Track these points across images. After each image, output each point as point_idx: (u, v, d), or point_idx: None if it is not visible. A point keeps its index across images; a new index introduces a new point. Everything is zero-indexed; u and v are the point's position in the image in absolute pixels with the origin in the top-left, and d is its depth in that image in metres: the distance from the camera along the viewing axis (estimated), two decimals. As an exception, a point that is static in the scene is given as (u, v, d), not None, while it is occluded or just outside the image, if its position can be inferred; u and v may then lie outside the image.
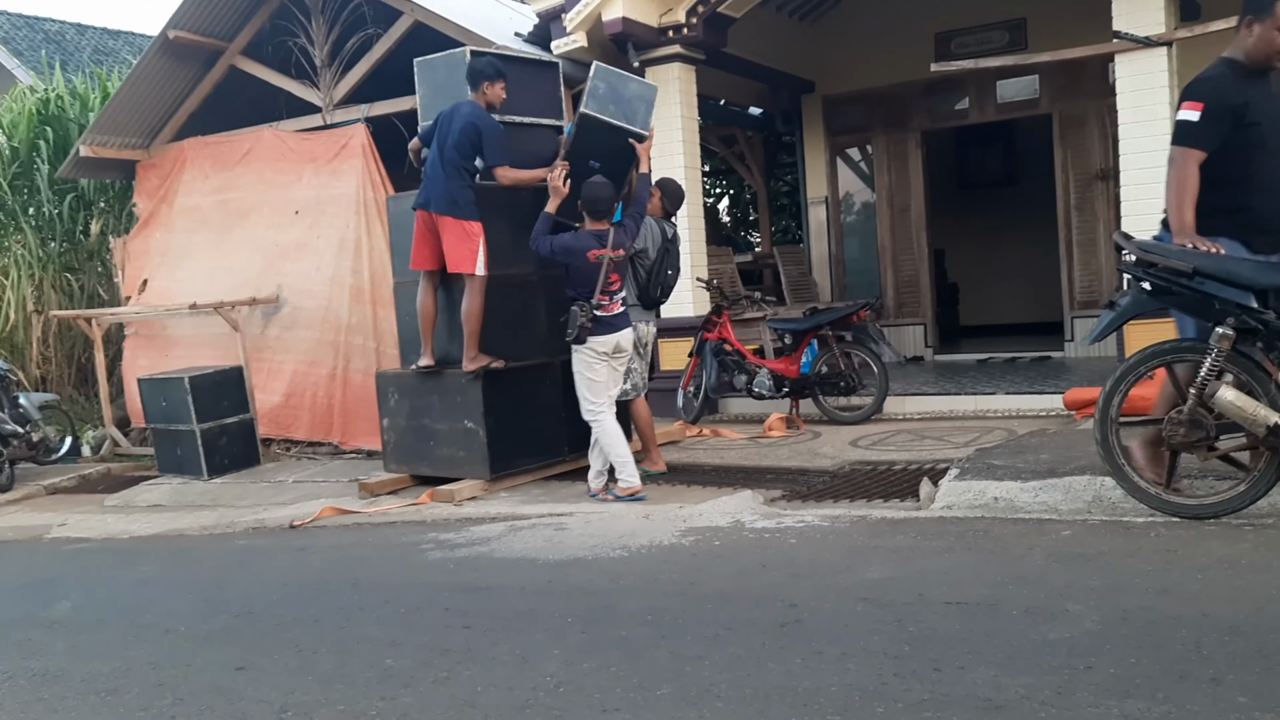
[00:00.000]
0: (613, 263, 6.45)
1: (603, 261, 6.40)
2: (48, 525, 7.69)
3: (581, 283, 6.42)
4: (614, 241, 6.46)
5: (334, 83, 9.79)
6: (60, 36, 18.57)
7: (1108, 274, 10.54)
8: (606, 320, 6.44)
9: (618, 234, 6.52)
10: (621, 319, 6.55)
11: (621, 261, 6.59)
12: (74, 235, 12.14)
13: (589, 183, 6.57)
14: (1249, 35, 4.57)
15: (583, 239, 6.49)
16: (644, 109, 7.05)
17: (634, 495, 6.32)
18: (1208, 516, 4.49)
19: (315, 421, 9.52)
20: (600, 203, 6.50)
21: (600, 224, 6.49)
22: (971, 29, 11.13)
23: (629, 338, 6.60)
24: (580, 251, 6.41)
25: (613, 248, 6.44)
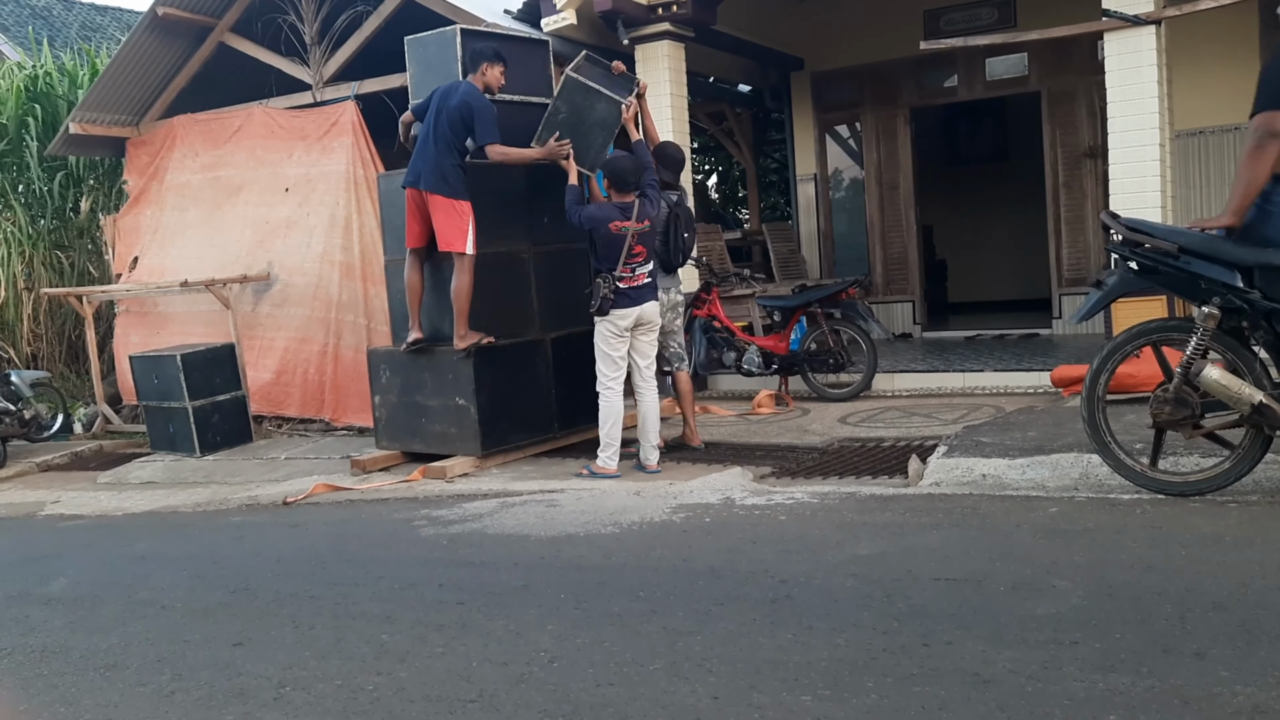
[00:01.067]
0: (636, 235, 6.51)
1: (625, 234, 6.46)
2: (41, 502, 7.70)
3: (605, 254, 6.51)
4: (638, 213, 6.53)
5: (324, 60, 9.75)
6: (47, 12, 18.41)
7: (1095, 251, 10.59)
8: (629, 293, 6.50)
9: (643, 206, 6.59)
10: (646, 292, 6.60)
11: (648, 234, 6.64)
12: (64, 212, 12.09)
13: (613, 156, 6.75)
14: None
15: (607, 210, 6.57)
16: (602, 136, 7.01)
17: (605, 475, 6.41)
18: (1193, 494, 4.56)
19: (307, 398, 9.53)
20: (626, 174, 6.57)
21: (626, 196, 6.55)
22: (961, 6, 11.12)
23: (653, 310, 6.64)
24: (604, 222, 6.50)
25: (636, 220, 6.51)
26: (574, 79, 6.96)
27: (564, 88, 7.00)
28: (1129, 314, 6.26)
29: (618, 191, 6.59)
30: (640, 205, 6.55)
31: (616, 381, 6.60)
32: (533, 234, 7.39)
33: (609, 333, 6.54)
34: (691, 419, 7.24)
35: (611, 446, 6.52)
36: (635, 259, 6.51)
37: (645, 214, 6.59)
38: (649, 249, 6.64)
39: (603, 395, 6.59)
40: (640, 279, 6.55)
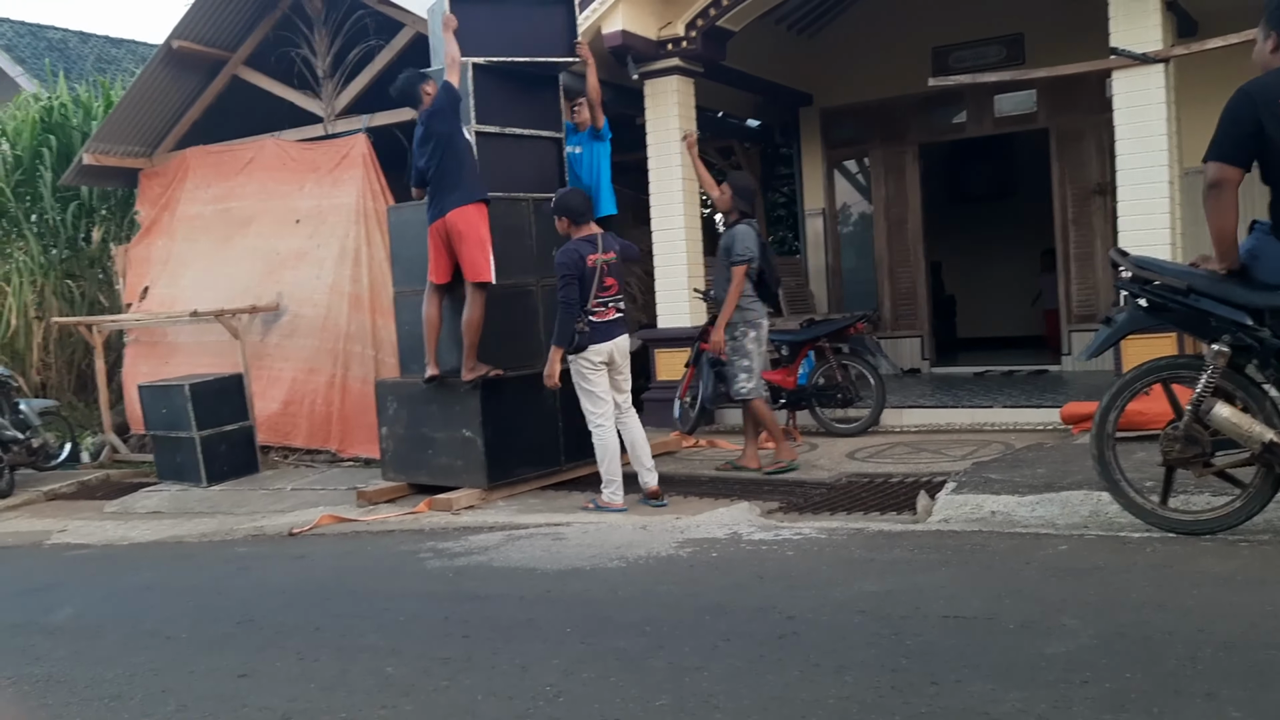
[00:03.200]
0: (606, 266, 6.45)
1: (596, 267, 6.41)
2: (48, 531, 7.70)
3: (584, 289, 6.44)
4: (604, 244, 6.49)
5: (336, 93, 9.84)
6: (63, 44, 18.61)
7: (1104, 288, 10.59)
8: (601, 327, 6.44)
9: (606, 238, 6.56)
10: (617, 327, 6.54)
11: (617, 265, 6.57)
12: (76, 242, 12.17)
13: (563, 191, 6.77)
14: None
15: (577, 246, 6.49)
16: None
17: (611, 509, 6.41)
18: (1203, 532, 4.52)
19: (314, 429, 9.53)
20: (579, 207, 6.57)
21: (583, 229, 6.52)
22: (969, 43, 11.19)
23: (624, 347, 6.59)
24: (581, 257, 6.42)
25: (603, 250, 6.46)
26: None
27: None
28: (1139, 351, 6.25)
29: (575, 225, 6.54)
30: (604, 237, 6.54)
31: (605, 417, 6.56)
32: (540, 266, 7.41)
33: (585, 369, 6.48)
34: (779, 438, 7.32)
35: (614, 482, 6.51)
36: (607, 292, 6.45)
37: (610, 245, 6.55)
38: (620, 282, 6.57)
39: (595, 433, 6.57)
40: (610, 313, 6.49)
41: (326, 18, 9.76)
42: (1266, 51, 4.28)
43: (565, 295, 6.35)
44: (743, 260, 7.00)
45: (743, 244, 7.01)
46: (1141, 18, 7.79)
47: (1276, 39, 4.25)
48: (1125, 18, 7.84)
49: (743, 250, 7.00)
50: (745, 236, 7.05)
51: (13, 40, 17.93)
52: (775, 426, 7.38)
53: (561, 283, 6.38)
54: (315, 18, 9.79)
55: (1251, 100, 4.19)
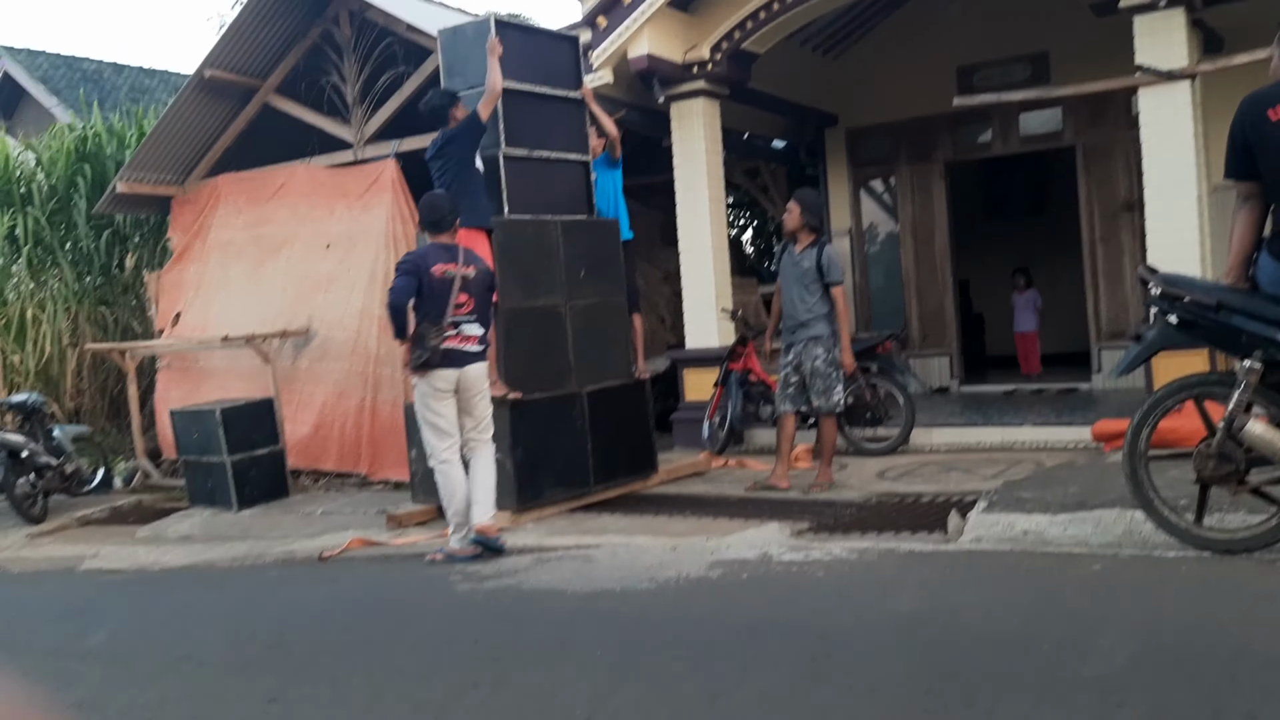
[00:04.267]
0: (463, 281, 5.92)
1: (452, 279, 5.89)
2: (81, 556, 7.76)
3: (430, 303, 5.86)
4: (464, 257, 5.99)
5: (365, 119, 9.94)
6: (98, 75, 18.91)
7: (1134, 305, 10.50)
8: (451, 353, 5.89)
9: (469, 254, 6.04)
10: (470, 357, 5.99)
11: (474, 282, 6.00)
12: (109, 269, 12.32)
13: (430, 194, 6.28)
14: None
15: (428, 251, 5.98)
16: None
17: (461, 557, 5.91)
18: (1240, 551, 4.47)
19: (344, 452, 9.59)
20: (442, 212, 6.07)
21: (441, 236, 6.03)
22: (994, 62, 11.18)
23: (477, 376, 6.04)
24: (427, 264, 5.88)
25: (463, 263, 5.96)
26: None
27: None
28: (1170, 368, 6.20)
29: (432, 232, 6.03)
30: (466, 252, 6.02)
31: (449, 451, 6.00)
32: (569, 287, 7.44)
33: (428, 395, 5.94)
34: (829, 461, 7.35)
35: (463, 526, 5.98)
36: (461, 310, 5.90)
37: (471, 261, 6.03)
38: (477, 302, 6.00)
39: (437, 470, 6.04)
40: (462, 341, 5.94)
41: (356, 45, 9.88)
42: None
43: (393, 288, 5.83)
44: (841, 281, 7.18)
45: (839, 265, 7.22)
46: (1166, 34, 7.76)
47: None
48: (1150, 34, 7.81)
49: (841, 272, 7.21)
50: (838, 257, 7.26)
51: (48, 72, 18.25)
52: (834, 447, 7.42)
53: (395, 277, 5.90)
54: (345, 45, 9.92)
55: (1240, 113, 4.24)
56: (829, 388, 7.20)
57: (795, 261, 7.22)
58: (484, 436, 6.17)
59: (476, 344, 6.01)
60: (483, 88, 7.08)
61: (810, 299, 7.15)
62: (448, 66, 7.51)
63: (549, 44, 7.87)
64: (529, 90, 7.42)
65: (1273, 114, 4.11)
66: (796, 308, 7.21)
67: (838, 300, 7.13)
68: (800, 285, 7.18)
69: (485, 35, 7.21)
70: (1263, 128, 4.14)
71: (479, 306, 6.01)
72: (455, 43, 7.48)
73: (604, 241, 7.78)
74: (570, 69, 7.85)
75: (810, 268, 7.13)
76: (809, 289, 7.14)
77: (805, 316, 7.17)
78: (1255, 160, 4.22)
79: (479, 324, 6.03)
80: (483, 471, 6.07)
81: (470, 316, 5.97)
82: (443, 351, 5.85)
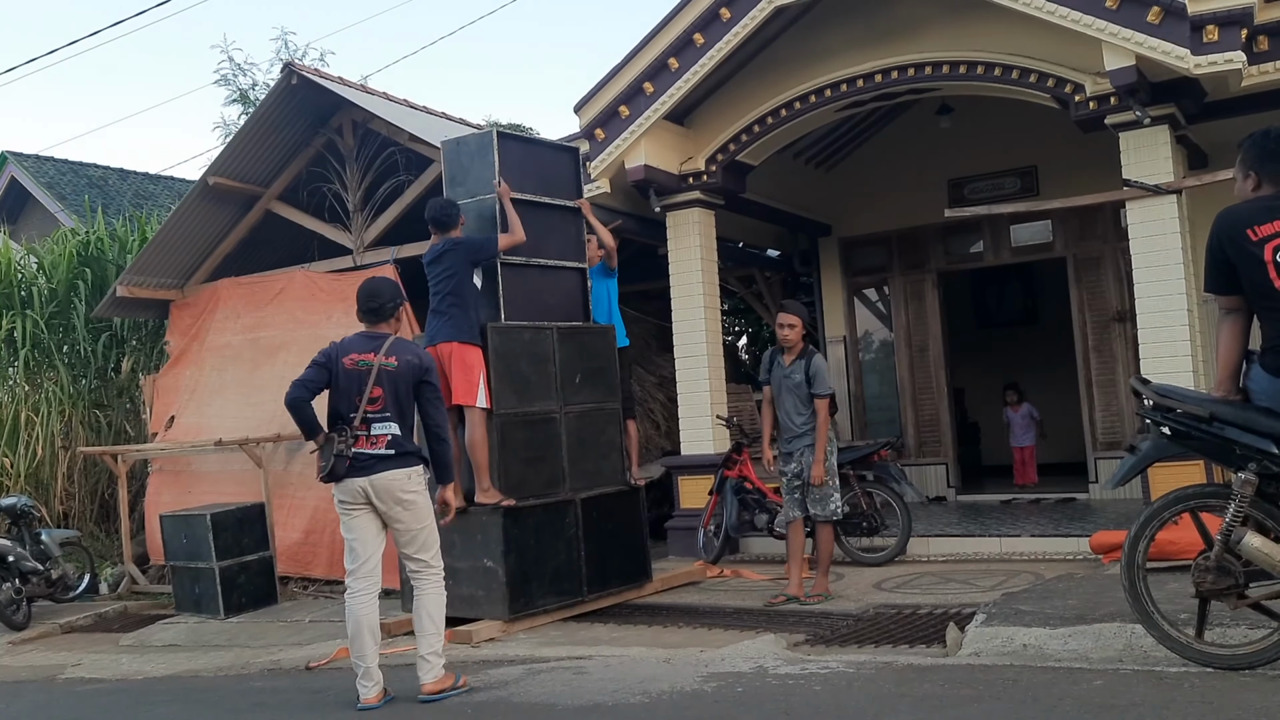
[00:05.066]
0: (380, 373, 5.18)
1: (366, 369, 5.19)
2: (62, 665, 7.61)
3: (338, 398, 5.23)
4: (388, 349, 5.24)
5: (365, 226, 10.09)
6: (103, 181, 19.26)
7: (1129, 415, 10.53)
8: (359, 459, 5.15)
9: (397, 342, 5.30)
10: (382, 461, 5.17)
11: (394, 375, 5.20)
12: (105, 372, 12.36)
13: (368, 280, 5.61)
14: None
15: (349, 342, 5.35)
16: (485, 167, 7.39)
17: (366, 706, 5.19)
18: (1242, 667, 4.39)
19: (334, 559, 9.46)
20: (377, 300, 5.38)
21: (378, 326, 5.38)
22: (984, 175, 11.42)
23: (390, 485, 5.18)
24: (338, 356, 5.25)
25: (383, 354, 5.22)
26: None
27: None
28: (1166, 478, 6.19)
29: (370, 322, 5.38)
30: (396, 342, 5.30)
31: (355, 577, 5.25)
32: (564, 393, 7.46)
33: (338, 506, 5.28)
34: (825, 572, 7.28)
35: (360, 668, 5.21)
36: (374, 407, 5.16)
37: (396, 351, 5.25)
38: (392, 398, 5.20)
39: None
40: (375, 442, 5.17)
41: (358, 154, 10.08)
42: (1249, 190, 4.37)
43: (295, 381, 5.27)
44: (829, 394, 7.19)
45: (827, 377, 7.22)
46: (1152, 150, 7.95)
47: (1256, 179, 4.34)
48: (1136, 150, 8.00)
49: (828, 385, 7.22)
50: (825, 368, 7.24)
51: (54, 178, 18.58)
52: (830, 556, 7.39)
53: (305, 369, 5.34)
54: (347, 154, 10.12)
55: (1218, 229, 4.30)
56: (826, 496, 7.19)
57: (787, 374, 7.24)
58: (420, 559, 5.28)
59: (386, 446, 5.18)
60: (485, 197, 7.23)
61: (806, 410, 7.18)
62: (450, 176, 7.65)
63: (549, 154, 8.04)
64: (528, 199, 7.54)
65: (1253, 234, 4.18)
66: (793, 420, 7.23)
67: (820, 411, 7.12)
68: (795, 398, 7.21)
69: (488, 147, 7.37)
70: (1244, 246, 4.20)
71: (395, 403, 5.19)
72: (458, 154, 7.63)
73: (599, 348, 7.82)
74: (569, 179, 8.00)
75: (801, 380, 7.17)
76: (803, 401, 7.18)
77: (802, 429, 7.19)
78: (1237, 275, 4.27)
79: (393, 423, 5.19)
80: (423, 606, 5.25)
81: (383, 414, 5.18)
82: (350, 457, 5.12)
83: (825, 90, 9.07)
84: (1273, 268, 4.14)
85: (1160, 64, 7.34)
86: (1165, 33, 7.22)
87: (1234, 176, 4.50)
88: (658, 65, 8.92)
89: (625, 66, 9.06)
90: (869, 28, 8.87)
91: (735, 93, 9.47)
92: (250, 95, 21.70)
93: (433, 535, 5.35)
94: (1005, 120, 10.62)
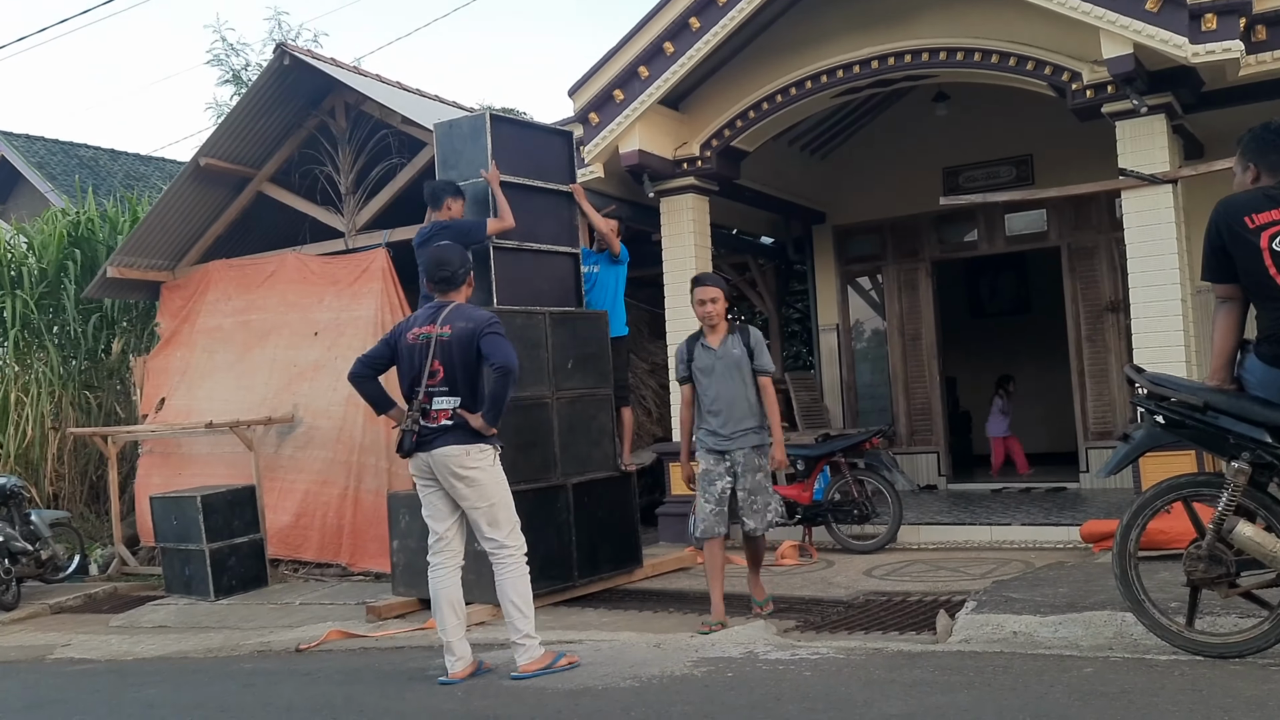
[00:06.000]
0: (439, 345, 5.04)
1: (425, 341, 5.05)
2: (51, 645, 7.59)
3: (403, 375, 5.18)
4: (444, 317, 5.10)
5: (357, 209, 10.04)
6: (94, 162, 19.14)
7: (1121, 404, 10.54)
8: (422, 431, 5.07)
9: (457, 310, 5.13)
10: (441, 435, 5.06)
11: (451, 344, 5.03)
12: (96, 354, 12.31)
13: (435, 247, 5.52)
14: None
15: (416, 316, 5.27)
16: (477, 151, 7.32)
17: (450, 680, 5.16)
18: (1232, 655, 4.40)
19: (325, 542, 9.46)
20: (448, 268, 5.24)
21: (451, 295, 5.24)
22: (979, 164, 11.40)
23: (449, 461, 5.07)
24: (402, 331, 5.19)
25: (440, 325, 5.08)
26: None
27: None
28: (1158, 468, 6.19)
29: (442, 291, 5.24)
30: (454, 309, 5.13)
31: (433, 551, 5.26)
32: (556, 378, 7.44)
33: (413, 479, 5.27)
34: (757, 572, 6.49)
35: (445, 642, 5.22)
36: (434, 381, 5.04)
37: (453, 318, 5.08)
38: (449, 369, 5.05)
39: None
40: (437, 417, 5.06)
41: (351, 137, 10.02)
42: (1248, 182, 4.38)
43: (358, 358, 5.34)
44: (773, 370, 6.25)
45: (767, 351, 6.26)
46: (1148, 140, 7.93)
47: (1256, 171, 4.34)
48: (1132, 140, 7.98)
49: (771, 362, 6.27)
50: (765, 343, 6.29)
51: (45, 158, 18.46)
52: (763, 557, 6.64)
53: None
54: (340, 136, 10.06)
55: (1216, 218, 4.30)
56: (765, 504, 6.21)
57: (719, 355, 6.19)
58: (493, 538, 5.19)
59: (448, 419, 5.05)
60: (478, 180, 7.20)
61: (754, 393, 6.17)
62: (443, 159, 7.61)
63: (542, 138, 8.00)
64: (521, 183, 7.50)
65: (1250, 221, 4.18)
66: (737, 407, 6.15)
67: (766, 391, 6.16)
68: (738, 377, 6.15)
69: (481, 129, 7.32)
70: (1241, 234, 4.20)
71: (453, 374, 5.04)
72: (451, 136, 7.59)
73: (592, 333, 7.80)
74: (563, 163, 7.96)
75: (742, 354, 6.15)
76: (748, 382, 6.16)
77: (751, 421, 6.17)
78: (1233, 264, 4.27)
79: (454, 395, 5.04)
80: (504, 589, 5.18)
81: (441, 387, 5.05)
82: (416, 432, 5.06)
83: (821, 76, 9.03)
84: (1269, 255, 4.14)
85: (1158, 52, 7.32)
86: (1164, 21, 7.20)
87: (1233, 169, 4.49)
88: (653, 49, 8.87)
89: (620, 50, 9.01)
90: (865, 13, 8.83)
91: (731, 78, 9.43)
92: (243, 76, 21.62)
93: (504, 512, 5.23)
94: (1001, 108, 10.60)
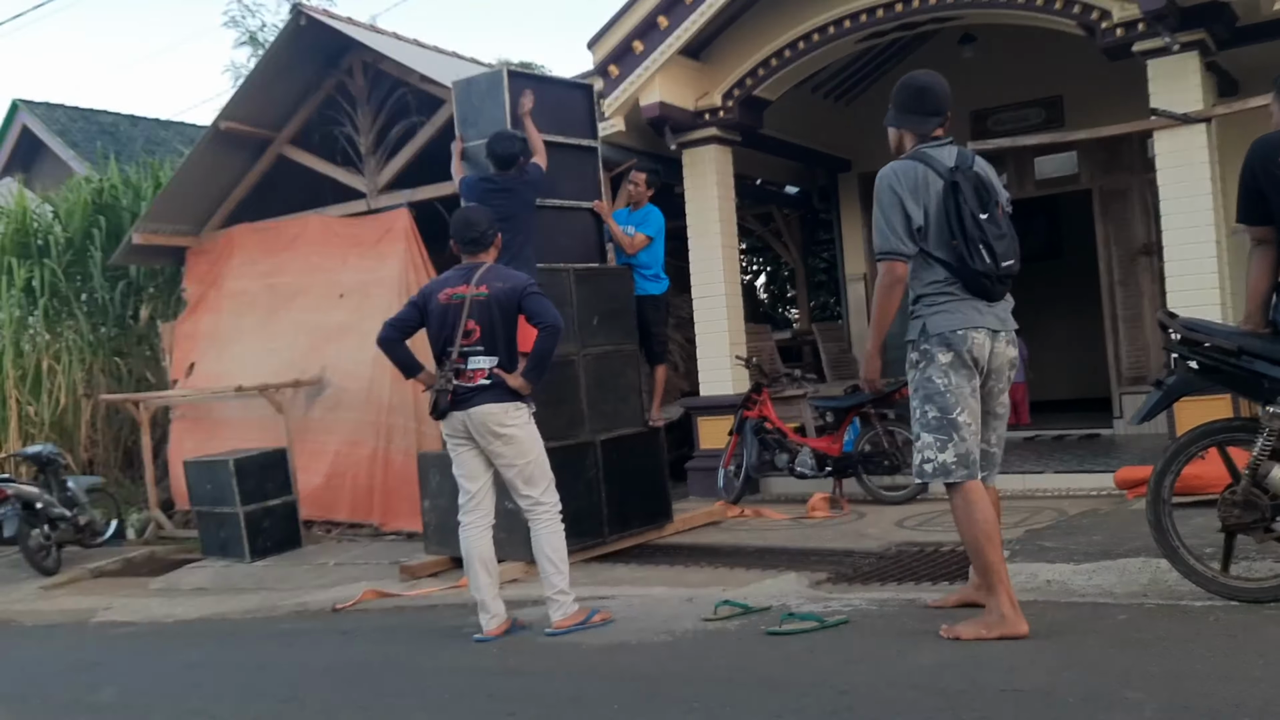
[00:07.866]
0: (472, 305, 5.07)
1: (460, 302, 5.08)
2: (93, 609, 7.72)
3: (434, 336, 5.20)
4: (478, 278, 5.12)
5: (379, 169, 10.01)
6: (114, 128, 19.14)
7: (1155, 349, 10.41)
8: (459, 391, 5.09)
9: (492, 271, 5.18)
10: (478, 394, 5.08)
11: (486, 304, 5.07)
12: (124, 320, 12.38)
13: (461, 209, 5.64)
14: None
15: (446, 277, 5.28)
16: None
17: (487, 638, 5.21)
18: (1268, 600, 4.37)
19: (356, 503, 9.54)
20: (475, 229, 5.27)
21: (479, 256, 5.26)
22: (1008, 106, 11.21)
23: (486, 419, 5.09)
24: (433, 293, 5.21)
25: (474, 285, 5.11)
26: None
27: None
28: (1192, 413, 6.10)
29: (470, 252, 5.26)
30: (489, 269, 5.18)
31: (464, 510, 5.27)
32: (582, 335, 7.42)
33: (445, 438, 5.28)
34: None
35: (478, 599, 5.25)
36: (469, 341, 5.07)
37: (488, 278, 5.12)
38: (486, 329, 5.08)
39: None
40: (472, 376, 5.09)
41: (369, 96, 9.97)
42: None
43: (386, 321, 5.37)
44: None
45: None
46: (1181, 78, 7.75)
47: None
48: (1164, 78, 7.80)
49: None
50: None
51: (66, 125, 18.49)
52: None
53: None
54: (358, 97, 10.01)
55: (1250, 158, 4.23)
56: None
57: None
58: (529, 494, 5.22)
59: (485, 378, 5.10)
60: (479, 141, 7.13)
61: None
62: (461, 117, 7.55)
63: (563, 93, 7.92)
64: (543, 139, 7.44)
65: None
66: None
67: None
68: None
69: (499, 86, 7.25)
70: (1277, 175, 4.11)
71: (490, 334, 5.08)
72: (469, 93, 7.53)
73: (617, 289, 7.76)
74: (584, 118, 7.88)
75: None
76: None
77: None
78: (1269, 205, 4.18)
79: (491, 355, 5.09)
80: (540, 545, 5.21)
81: (477, 347, 5.08)
82: (450, 391, 5.08)
83: (845, 21, 8.87)
84: None
85: (1190, -13, 7.14)
86: (1195, -46, 7.02)
87: (1270, 107, 4.39)
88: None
89: (639, 0, 8.88)
90: (889, -44, 8.65)
91: (752, 25, 9.27)
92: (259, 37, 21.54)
93: (539, 470, 5.27)
94: (1029, 50, 10.39)
